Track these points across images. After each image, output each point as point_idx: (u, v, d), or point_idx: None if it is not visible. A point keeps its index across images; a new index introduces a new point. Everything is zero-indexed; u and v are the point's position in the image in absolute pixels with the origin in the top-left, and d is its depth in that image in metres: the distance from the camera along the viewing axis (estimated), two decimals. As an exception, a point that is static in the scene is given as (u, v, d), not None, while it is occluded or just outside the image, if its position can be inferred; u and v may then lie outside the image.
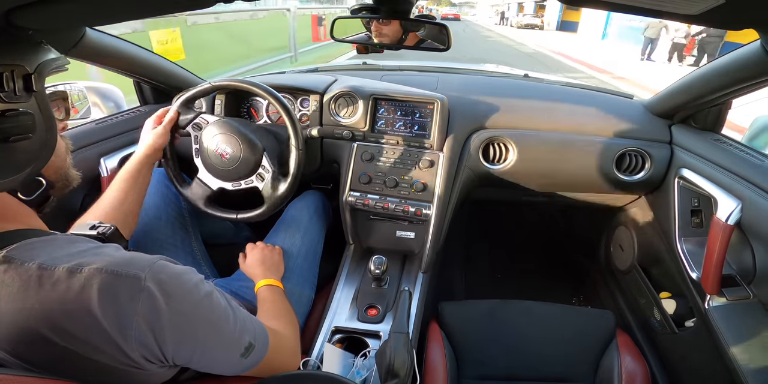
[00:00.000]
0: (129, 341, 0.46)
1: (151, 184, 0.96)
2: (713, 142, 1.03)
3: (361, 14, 0.94)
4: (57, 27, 0.79)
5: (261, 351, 0.61)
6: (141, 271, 0.47)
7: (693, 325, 1.06)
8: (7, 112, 0.46)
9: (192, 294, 0.52)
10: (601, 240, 1.59)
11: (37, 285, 0.44)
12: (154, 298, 0.47)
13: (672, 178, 1.10)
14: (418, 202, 1.10)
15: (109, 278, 0.45)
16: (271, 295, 0.89)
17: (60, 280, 0.45)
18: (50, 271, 0.45)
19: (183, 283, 0.51)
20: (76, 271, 0.45)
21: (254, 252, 1.01)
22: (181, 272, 0.52)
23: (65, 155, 0.60)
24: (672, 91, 1.11)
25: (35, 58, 0.50)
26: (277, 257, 1.02)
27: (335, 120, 1.17)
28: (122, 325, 0.45)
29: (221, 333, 0.55)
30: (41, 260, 0.46)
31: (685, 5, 0.51)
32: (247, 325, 0.60)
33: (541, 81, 1.47)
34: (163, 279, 0.49)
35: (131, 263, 0.48)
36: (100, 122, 1.17)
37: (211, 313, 0.54)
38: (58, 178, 0.59)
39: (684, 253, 1.02)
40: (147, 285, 0.47)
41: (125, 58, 1.10)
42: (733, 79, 0.87)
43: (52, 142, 0.53)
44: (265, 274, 0.95)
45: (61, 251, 0.48)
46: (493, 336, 1.05)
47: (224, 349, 0.56)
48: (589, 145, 1.15)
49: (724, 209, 0.88)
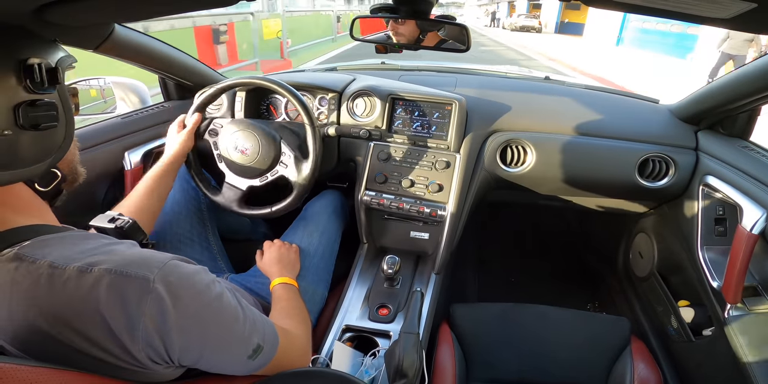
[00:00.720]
0: (136, 342, 0.46)
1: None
2: (741, 149, 0.99)
3: (380, 14, 0.94)
4: (87, 23, 0.81)
5: (269, 352, 0.61)
6: (150, 273, 0.47)
7: (711, 334, 1.03)
8: (36, 101, 0.48)
9: (201, 296, 0.52)
10: (620, 246, 1.55)
11: (48, 283, 0.45)
12: (162, 300, 0.47)
13: (696, 185, 1.07)
14: (434, 203, 1.10)
15: (117, 279, 0.46)
16: (285, 293, 0.90)
17: (70, 279, 0.45)
18: (61, 270, 0.46)
19: (193, 285, 0.51)
20: (86, 270, 0.46)
21: (271, 250, 1.02)
22: (192, 273, 0.52)
23: (75, 150, 0.63)
24: (699, 96, 1.08)
25: (54, 54, 0.53)
26: (293, 256, 1.03)
27: (353, 119, 1.17)
28: (130, 326, 0.45)
29: (229, 335, 0.55)
30: (52, 258, 0.47)
31: (713, 9, 0.50)
32: (257, 326, 0.60)
33: (563, 84, 1.44)
34: (172, 281, 0.49)
35: (141, 264, 0.48)
36: (126, 117, 1.20)
37: (220, 315, 0.54)
38: (69, 171, 0.61)
39: (706, 261, 1.00)
40: (155, 286, 0.47)
41: (151, 54, 1.12)
42: (764, 85, 0.84)
43: (71, 134, 0.56)
44: (281, 272, 0.96)
45: (74, 249, 0.49)
46: (505, 339, 1.04)
47: (231, 351, 0.56)
48: (611, 150, 1.13)
49: (749, 218, 0.86)
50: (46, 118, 0.50)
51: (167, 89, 1.37)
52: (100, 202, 1.11)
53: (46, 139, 0.51)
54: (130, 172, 1.12)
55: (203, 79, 1.32)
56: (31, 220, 0.52)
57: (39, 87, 0.49)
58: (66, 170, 0.59)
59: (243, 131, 1.03)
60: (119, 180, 1.13)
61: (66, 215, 0.69)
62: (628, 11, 0.60)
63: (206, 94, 1.04)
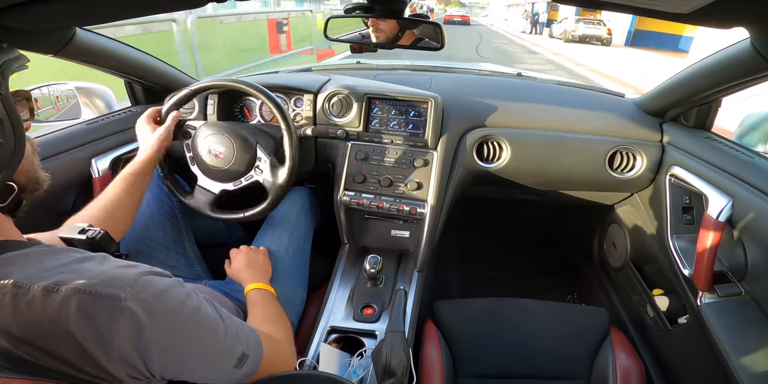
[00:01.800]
0: (113, 361, 0.44)
1: None
2: (704, 140, 1.04)
3: (355, 13, 0.93)
4: (47, 27, 0.78)
5: (255, 360, 0.60)
6: (122, 291, 0.45)
7: (686, 322, 1.07)
8: None
9: (178, 311, 0.50)
10: (595, 237, 1.60)
11: (12, 304, 0.42)
12: (136, 317, 0.45)
13: (663, 176, 1.11)
14: (413, 201, 1.10)
15: (86, 299, 0.44)
16: (260, 298, 0.89)
17: (35, 299, 0.43)
18: (25, 290, 0.43)
19: (168, 300, 0.50)
20: (52, 290, 0.43)
21: (239, 256, 1.00)
22: (166, 288, 0.50)
23: (33, 157, 0.58)
24: (663, 89, 1.12)
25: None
26: (262, 258, 1.01)
27: (329, 119, 1.16)
28: (103, 345, 0.44)
29: (211, 347, 0.54)
30: (17, 277, 0.44)
31: (675, 4, 0.52)
32: (240, 336, 0.59)
33: (534, 80, 1.47)
34: (146, 298, 0.47)
35: (111, 282, 0.46)
36: (91, 123, 1.15)
37: (199, 327, 0.53)
38: (28, 181, 0.57)
39: (676, 250, 1.03)
40: (128, 305, 0.45)
41: (116, 58, 1.08)
42: (723, 78, 0.88)
43: (21, 146, 0.51)
44: (253, 277, 0.94)
45: (39, 266, 0.46)
46: (489, 334, 1.06)
47: (215, 362, 0.55)
48: (581, 144, 1.16)
49: (715, 206, 0.89)
50: None
51: (134, 93, 1.33)
52: (68, 211, 1.06)
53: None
54: (98, 179, 1.07)
55: (172, 82, 1.28)
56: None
57: None
58: (24, 181, 0.55)
59: (217, 135, 1.00)
60: (87, 188, 1.09)
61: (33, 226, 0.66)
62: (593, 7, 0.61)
63: (178, 96, 1.01)
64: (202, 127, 1.02)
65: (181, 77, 1.31)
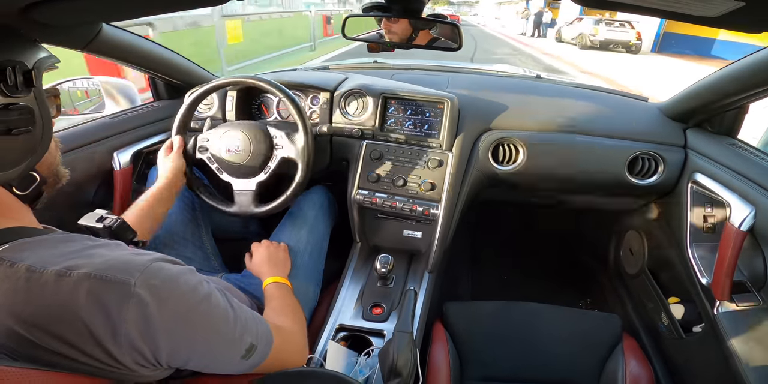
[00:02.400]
0: (120, 347, 0.45)
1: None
2: (729, 147, 1.01)
3: (372, 13, 0.94)
4: (74, 23, 0.80)
5: (263, 351, 0.61)
6: (131, 277, 0.46)
7: (701, 331, 1.04)
8: (10, 105, 0.47)
9: (187, 298, 0.51)
10: (611, 243, 1.57)
11: (25, 288, 0.44)
12: (144, 305, 0.46)
13: (685, 183, 1.08)
14: (426, 202, 1.10)
15: (96, 284, 0.44)
16: (278, 291, 0.90)
17: (48, 283, 0.44)
18: (38, 274, 0.44)
19: (178, 287, 0.50)
20: (64, 274, 0.44)
21: (260, 250, 1.02)
22: (176, 275, 0.51)
23: (56, 152, 0.61)
24: (687, 94, 1.09)
25: (33, 55, 0.52)
26: (282, 254, 1.02)
27: (345, 118, 1.17)
28: (112, 331, 0.44)
29: (219, 336, 0.54)
30: (31, 262, 0.45)
31: (702, 7, 0.50)
32: (249, 326, 0.59)
33: (554, 82, 1.45)
34: (155, 284, 0.47)
35: (122, 268, 0.47)
36: (115, 117, 1.19)
37: (209, 316, 0.53)
38: (50, 174, 0.59)
39: (695, 258, 1.01)
40: (137, 291, 0.45)
41: (140, 54, 1.11)
42: (751, 83, 0.86)
43: (48, 137, 0.54)
44: (272, 271, 0.95)
45: (53, 252, 0.48)
46: (498, 337, 1.05)
47: (223, 351, 0.55)
48: (601, 148, 1.14)
49: (737, 215, 0.87)
50: (19, 123, 0.49)
51: (157, 89, 1.36)
52: (89, 202, 1.10)
53: (21, 144, 0.50)
54: (120, 172, 1.10)
55: (194, 78, 1.31)
56: (10, 222, 0.50)
57: (13, 90, 0.48)
58: (46, 173, 0.58)
59: (228, 132, 1.02)
60: (108, 180, 1.12)
61: (55, 217, 0.68)
62: (620, 10, 0.60)
63: (196, 94, 1.03)
64: (212, 133, 1.05)
65: (202, 73, 1.34)
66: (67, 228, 0.59)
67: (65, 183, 0.63)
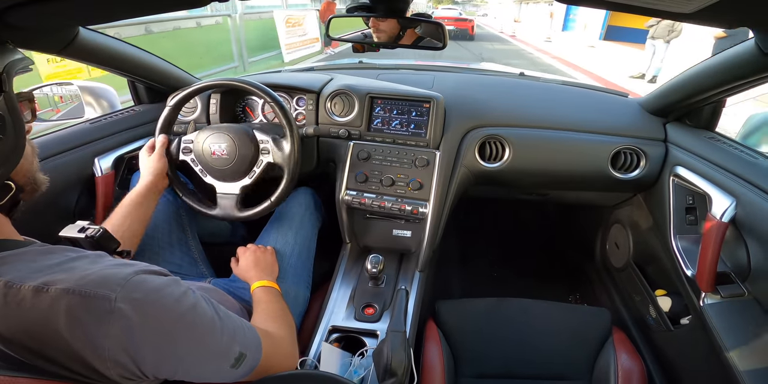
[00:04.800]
0: (104, 362, 0.44)
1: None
2: (708, 140, 1.03)
3: (357, 13, 0.93)
4: (51, 26, 0.78)
5: (253, 360, 0.60)
6: (112, 292, 0.44)
7: (688, 323, 1.07)
8: None
9: (171, 310, 0.49)
10: (597, 238, 1.59)
11: (3, 304, 0.42)
12: (126, 319, 0.44)
13: (667, 176, 1.10)
14: (415, 201, 1.10)
15: (76, 300, 0.43)
16: (266, 296, 0.89)
17: (25, 299, 0.42)
18: (15, 290, 0.43)
19: (160, 299, 0.49)
20: (42, 290, 0.43)
21: (246, 255, 1.00)
22: (160, 287, 0.49)
23: (32, 158, 0.59)
24: (667, 89, 1.11)
25: (2, 58, 0.49)
26: (270, 258, 1.01)
27: (331, 119, 1.16)
28: (93, 346, 0.43)
29: (206, 347, 0.53)
30: (9, 277, 0.44)
31: (679, 3, 0.51)
32: (237, 334, 0.58)
33: (537, 79, 1.47)
34: (137, 297, 0.46)
35: (102, 282, 0.45)
36: (94, 122, 1.16)
37: (194, 327, 0.52)
38: (27, 181, 0.57)
39: (679, 250, 1.03)
40: (118, 306, 0.44)
41: (119, 57, 1.09)
42: (728, 78, 0.88)
43: (22, 144, 0.52)
44: (259, 275, 0.94)
45: (31, 266, 0.46)
46: (491, 334, 1.05)
47: (211, 362, 0.54)
48: (584, 144, 1.16)
49: (718, 207, 0.89)
50: None
51: (137, 93, 1.33)
52: (71, 209, 1.07)
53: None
54: (101, 178, 1.08)
55: (175, 81, 1.28)
56: None
57: None
58: (22, 181, 0.55)
59: (213, 135, 1.01)
60: (90, 187, 1.09)
61: (36, 224, 0.66)
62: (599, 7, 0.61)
63: (179, 97, 1.01)
64: (199, 133, 1.03)
65: (184, 77, 1.32)
66: (49, 237, 0.57)
67: (45, 190, 0.61)
